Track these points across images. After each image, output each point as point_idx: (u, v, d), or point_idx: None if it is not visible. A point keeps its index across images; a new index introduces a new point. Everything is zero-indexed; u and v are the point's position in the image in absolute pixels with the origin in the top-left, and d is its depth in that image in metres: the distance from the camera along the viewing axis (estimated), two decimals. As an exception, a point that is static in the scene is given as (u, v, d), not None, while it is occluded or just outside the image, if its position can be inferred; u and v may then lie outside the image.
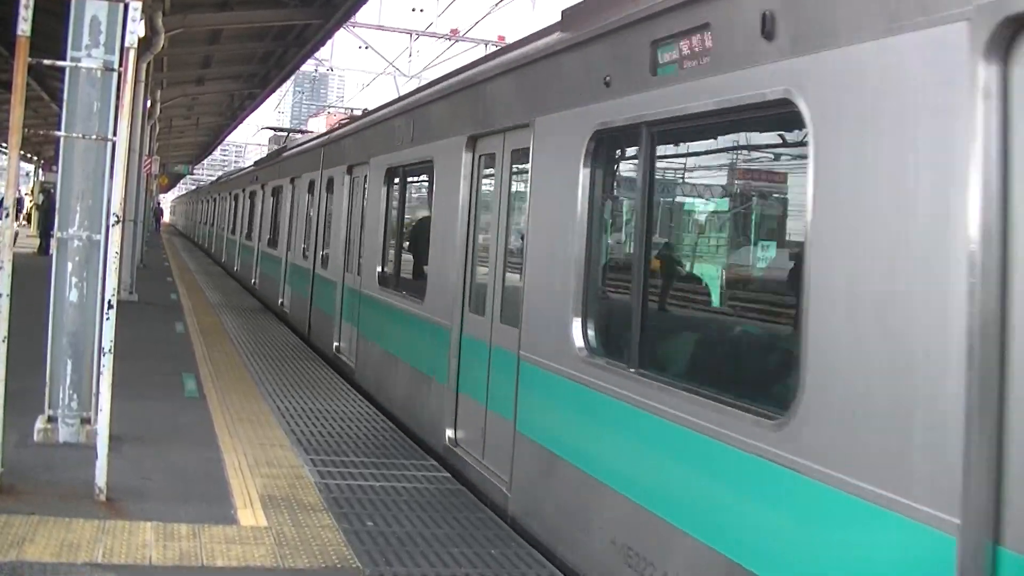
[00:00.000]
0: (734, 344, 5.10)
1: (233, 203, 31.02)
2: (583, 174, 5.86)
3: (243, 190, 28.09)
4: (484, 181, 7.95)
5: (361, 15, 33.00)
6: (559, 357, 5.97)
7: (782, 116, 4.11)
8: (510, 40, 28.46)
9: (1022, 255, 2.98)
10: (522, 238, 6.79)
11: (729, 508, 4.21)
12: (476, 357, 7.58)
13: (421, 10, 46.12)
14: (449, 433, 7.98)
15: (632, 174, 5.57)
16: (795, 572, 3.75)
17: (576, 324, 5.81)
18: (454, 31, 31.86)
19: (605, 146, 5.83)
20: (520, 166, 7.12)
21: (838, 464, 3.50)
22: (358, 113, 18.36)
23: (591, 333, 5.77)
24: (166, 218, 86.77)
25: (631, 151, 5.69)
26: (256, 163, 29.62)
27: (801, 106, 3.89)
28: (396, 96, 12.02)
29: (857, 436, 3.44)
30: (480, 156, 7.99)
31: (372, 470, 7.40)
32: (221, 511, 6.05)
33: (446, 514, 6.45)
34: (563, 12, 6.77)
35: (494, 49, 10.09)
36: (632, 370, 5.17)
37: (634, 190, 5.45)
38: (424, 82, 11.14)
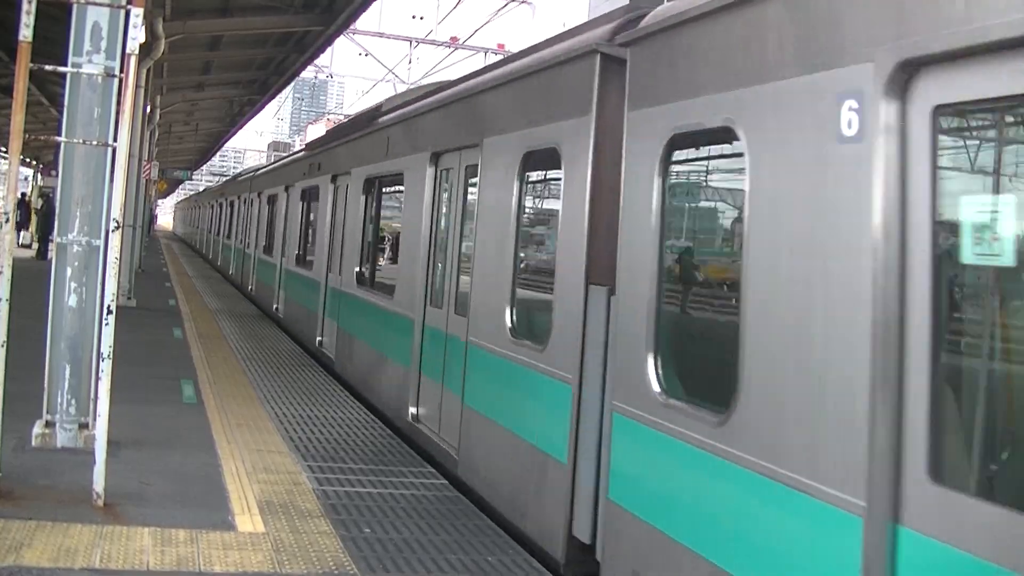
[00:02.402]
0: None
1: (229, 209, 32.04)
2: (517, 187, 6.95)
3: (238, 197, 29.48)
4: (444, 192, 9.01)
5: (361, 22, 33.01)
6: (495, 339, 7.07)
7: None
8: (510, 48, 28.54)
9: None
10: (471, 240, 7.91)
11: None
12: (435, 343, 8.65)
13: (421, 18, 46.21)
14: (412, 410, 9.04)
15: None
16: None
17: (507, 312, 6.95)
18: (454, 39, 31.91)
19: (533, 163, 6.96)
20: (472, 179, 8.14)
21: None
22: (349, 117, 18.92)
23: (516, 319, 6.92)
24: (169, 225, 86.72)
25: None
26: (252, 171, 31.02)
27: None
28: (375, 113, 12.96)
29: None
30: (441, 170, 9.08)
31: (370, 477, 7.40)
32: (219, 517, 6.05)
33: (443, 521, 6.45)
34: (508, 55, 8.45)
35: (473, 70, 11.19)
36: (542, 348, 6.34)
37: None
38: (400, 101, 12.17)
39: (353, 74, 73.30)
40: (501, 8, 27.38)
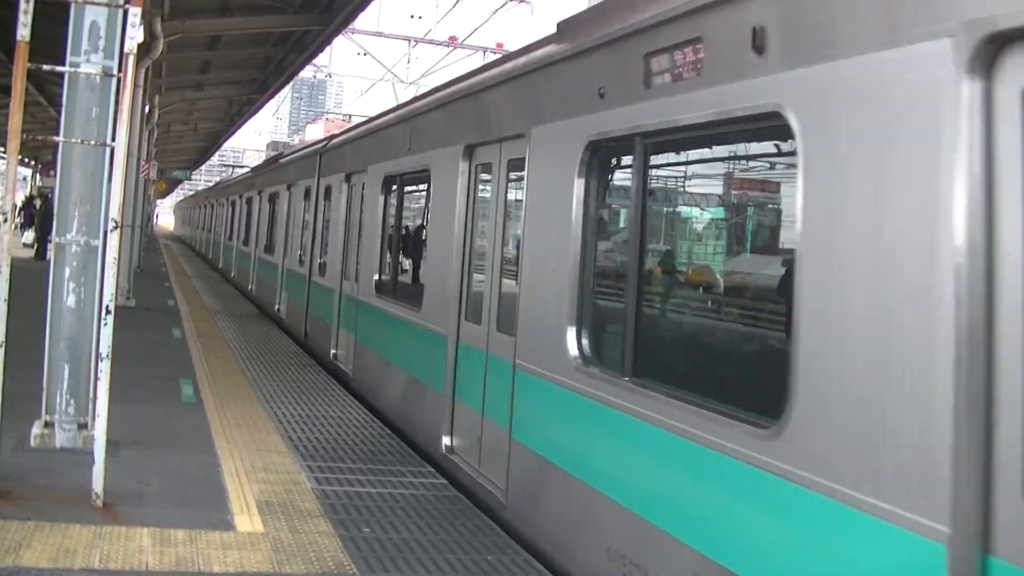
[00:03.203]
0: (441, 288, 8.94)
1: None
2: (380, 200, 11.14)
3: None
4: (355, 201, 12.99)
5: (360, 22, 33.00)
6: (368, 294, 11.46)
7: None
8: (508, 47, 28.59)
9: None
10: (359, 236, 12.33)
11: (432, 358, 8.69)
12: (349, 306, 12.56)
13: (420, 17, 46.27)
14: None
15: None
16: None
17: (376, 276, 11.24)
18: (452, 38, 31.91)
19: (390, 184, 11.14)
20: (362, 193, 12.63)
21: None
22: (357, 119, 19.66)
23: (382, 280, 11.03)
24: (170, 225, 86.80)
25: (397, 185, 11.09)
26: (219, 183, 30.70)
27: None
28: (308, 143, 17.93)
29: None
30: (352, 185, 13.26)
31: (369, 476, 7.40)
32: (218, 517, 6.05)
33: (443, 520, 6.45)
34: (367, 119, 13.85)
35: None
36: (390, 298, 10.54)
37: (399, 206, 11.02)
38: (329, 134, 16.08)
39: (352, 73, 73.26)
40: (499, 7, 27.37)
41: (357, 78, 50.05)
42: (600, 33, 5.76)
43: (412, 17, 48.45)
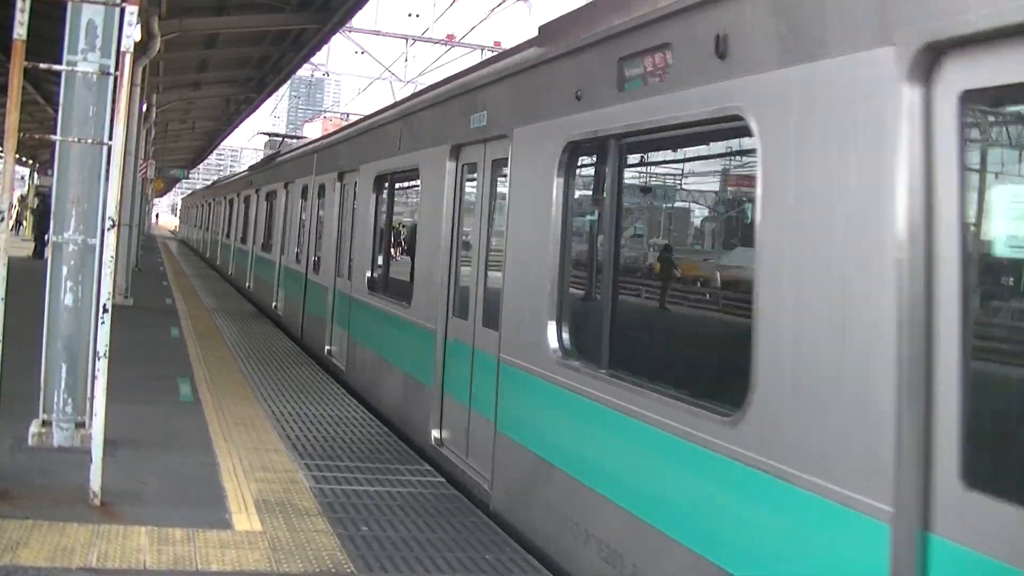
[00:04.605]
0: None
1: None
2: (309, 204, 15.11)
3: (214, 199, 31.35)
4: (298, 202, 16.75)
5: (357, 20, 33.04)
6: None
7: None
8: (506, 45, 28.64)
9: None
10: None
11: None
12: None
13: (417, 15, 46.22)
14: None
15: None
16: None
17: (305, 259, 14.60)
18: (450, 36, 31.91)
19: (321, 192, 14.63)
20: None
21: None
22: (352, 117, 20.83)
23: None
24: (171, 225, 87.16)
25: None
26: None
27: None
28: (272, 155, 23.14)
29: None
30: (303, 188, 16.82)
31: (367, 475, 7.40)
32: (216, 515, 6.05)
33: (440, 519, 6.45)
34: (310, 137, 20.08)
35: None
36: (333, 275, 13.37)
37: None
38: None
39: (349, 72, 73.19)
40: (497, 6, 27.35)
41: (355, 76, 50.07)
42: None
43: (410, 15, 48.39)
